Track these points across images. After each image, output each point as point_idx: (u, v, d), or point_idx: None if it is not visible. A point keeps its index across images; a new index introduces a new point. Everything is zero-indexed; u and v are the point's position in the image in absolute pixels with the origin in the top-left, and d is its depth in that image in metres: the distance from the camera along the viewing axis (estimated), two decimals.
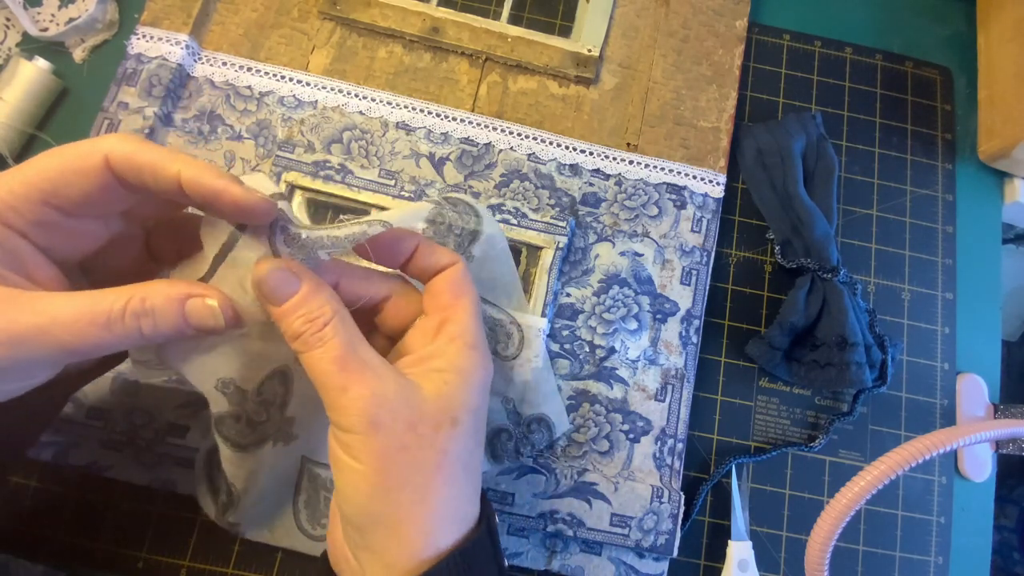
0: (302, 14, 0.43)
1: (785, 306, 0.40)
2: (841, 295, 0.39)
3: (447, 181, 0.40)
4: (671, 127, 0.43)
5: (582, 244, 0.40)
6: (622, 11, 0.45)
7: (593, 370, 0.38)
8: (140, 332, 0.23)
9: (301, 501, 0.34)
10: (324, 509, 0.34)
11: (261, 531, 0.34)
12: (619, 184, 0.41)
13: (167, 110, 0.40)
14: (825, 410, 0.41)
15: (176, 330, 0.24)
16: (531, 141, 0.41)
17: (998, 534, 0.87)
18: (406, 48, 0.43)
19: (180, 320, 0.24)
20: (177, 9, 0.41)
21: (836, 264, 0.40)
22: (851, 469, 0.40)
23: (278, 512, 0.34)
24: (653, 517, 0.36)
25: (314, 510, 0.34)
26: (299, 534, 0.34)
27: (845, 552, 0.39)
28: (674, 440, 0.38)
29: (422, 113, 0.41)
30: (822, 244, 0.40)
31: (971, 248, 0.45)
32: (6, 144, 0.39)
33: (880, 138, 0.46)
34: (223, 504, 0.32)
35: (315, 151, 0.40)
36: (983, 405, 0.42)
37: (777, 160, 0.42)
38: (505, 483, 0.35)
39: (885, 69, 0.48)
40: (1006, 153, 0.44)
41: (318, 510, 0.34)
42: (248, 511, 0.32)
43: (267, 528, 0.34)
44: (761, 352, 0.39)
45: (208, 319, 0.24)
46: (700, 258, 0.40)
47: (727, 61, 0.44)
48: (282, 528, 0.34)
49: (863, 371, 0.37)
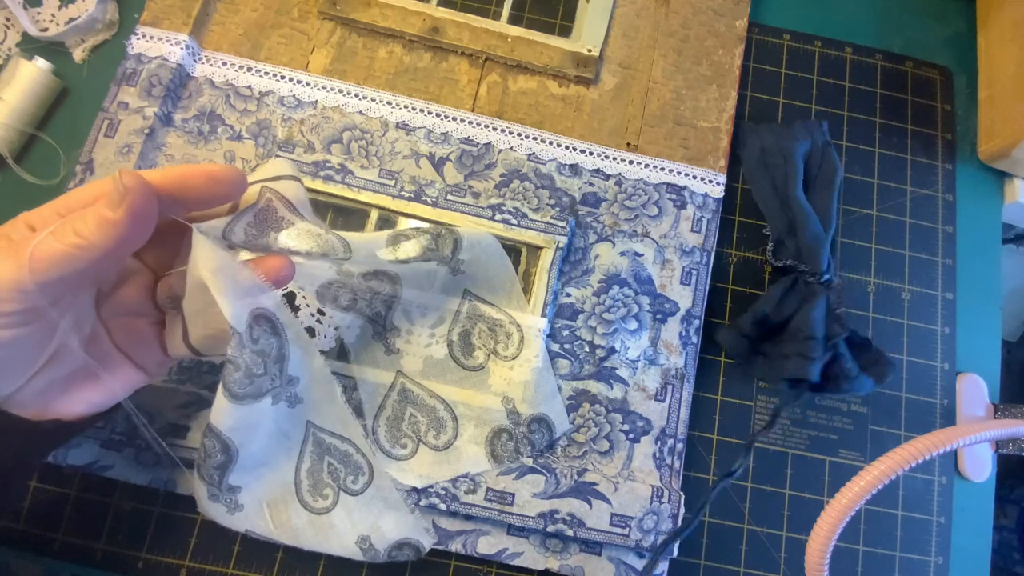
0: (302, 14, 0.43)
1: (762, 297, 0.40)
2: (818, 297, 0.38)
3: (447, 181, 0.40)
4: (671, 127, 0.43)
5: (582, 244, 0.40)
6: (622, 11, 0.45)
7: (593, 370, 0.38)
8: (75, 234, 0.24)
9: (304, 470, 0.34)
10: (327, 479, 0.34)
11: (260, 511, 0.33)
12: (619, 184, 0.41)
13: (167, 110, 0.40)
14: (826, 410, 0.41)
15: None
16: (531, 141, 0.41)
17: (998, 534, 0.87)
18: (406, 48, 0.43)
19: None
20: (177, 9, 0.41)
21: (825, 269, 0.39)
22: (851, 469, 0.40)
23: (279, 481, 0.34)
24: (653, 517, 0.36)
25: (316, 480, 0.34)
26: (299, 507, 0.34)
27: (845, 552, 0.39)
28: (674, 440, 0.38)
29: (422, 113, 0.41)
30: (812, 247, 0.40)
31: (971, 248, 0.45)
32: (6, 144, 0.39)
33: (880, 138, 0.46)
34: (221, 464, 0.31)
35: (315, 151, 0.40)
36: (983, 405, 0.42)
37: (780, 161, 0.42)
38: (505, 483, 0.35)
39: (885, 69, 0.48)
40: (1006, 153, 0.44)
41: (321, 480, 0.34)
42: (249, 472, 0.32)
43: (266, 503, 0.33)
44: (728, 339, 0.39)
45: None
46: (700, 258, 0.40)
47: (727, 61, 0.44)
48: (282, 503, 0.34)
49: (812, 365, 0.37)
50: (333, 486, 0.34)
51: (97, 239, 0.24)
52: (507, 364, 0.37)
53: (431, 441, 0.36)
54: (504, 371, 0.37)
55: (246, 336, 0.28)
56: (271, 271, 0.29)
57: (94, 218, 0.24)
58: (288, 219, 0.29)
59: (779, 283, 0.40)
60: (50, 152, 0.40)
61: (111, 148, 0.38)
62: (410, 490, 0.35)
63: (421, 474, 0.35)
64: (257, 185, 0.30)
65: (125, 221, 0.24)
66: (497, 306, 0.38)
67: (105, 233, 0.24)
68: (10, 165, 0.39)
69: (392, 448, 0.36)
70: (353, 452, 0.34)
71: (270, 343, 0.29)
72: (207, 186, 0.26)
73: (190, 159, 0.39)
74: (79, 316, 0.27)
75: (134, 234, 0.24)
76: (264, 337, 0.29)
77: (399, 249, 0.34)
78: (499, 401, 0.37)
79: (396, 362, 0.37)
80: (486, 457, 0.36)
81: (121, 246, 0.24)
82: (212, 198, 0.27)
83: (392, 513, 0.35)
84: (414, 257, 0.34)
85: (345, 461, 0.34)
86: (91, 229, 0.24)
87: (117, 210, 0.24)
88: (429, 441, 0.36)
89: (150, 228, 0.25)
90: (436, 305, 0.37)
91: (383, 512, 0.34)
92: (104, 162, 0.38)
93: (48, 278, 0.23)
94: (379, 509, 0.34)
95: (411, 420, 0.36)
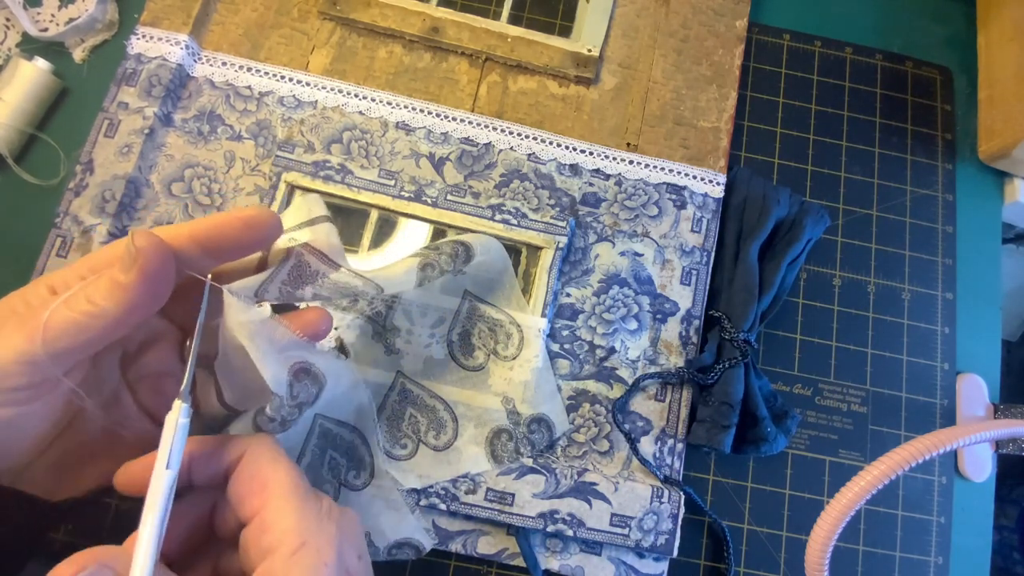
0: (302, 14, 0.43)
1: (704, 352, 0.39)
2: (739, 360, 0.38)
3: (447, 181, 0.40)
4: (671, 127, 0.43)
5: (582, 244, 0.40)
6: (622, 11, 0.45)
7: (593, 370, 0.38)
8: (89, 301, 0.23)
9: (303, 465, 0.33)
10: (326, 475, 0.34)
11: None
12: (619, 184, 0.41)
13: (167, 110, 0.40)
14: (826, 410, 0.41)
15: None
16: (531, 141, 0.41)
17: (998, 534, 0.87)
18: (406, 48, 0.43)
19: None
20: (177, 9, 0.41)
21: (746, 328, 0.38)
22: (851, 469, 0.40)
23: None
24: (653, 517, 0.36)
25: (315, 477, 0.33)
26: None
27: (845, 552, 0.39)
28: (674, 440, 0.38)
29: (422, 113, 0.41)
30: (738, 300, 0.39)
31: (971, 248, 0.45)
32: (6, 144, 0.39)
33: (880, 138, 0.46)
34: None
35: (315, 151, 0.40)
36: (983, 405, 0.42)
37: (754, 215, 0.41)
38: (505, 483, 0.35)
39: (885, 69, 0.48)
40: (1006, 153, 0.44)
41: (319, 476, 0.33)
42: None
43: None
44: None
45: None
46: (700, 258, 0.40)
47: (727, 61, 0.44)
48: None
49: (725, 436, 0.36)
50: (332, 482, 0.34)
51: (109, 306, 0.22)
52: (507, 364, 0.37)
53: (431, 441, 0.36)
54: (504, 371, 0.37)
55: (287, 397, 0.27)
56: (308, 326, 0.27)
57: (106, 283, 0.22)
58: (322, 271, 0.28)
59: (712, 335, 0.39)
60: (50, 152, 0.41)
61: (111, 148, 0.38)
62: (410, 490, 0.35)
63: (421, 474, 0.35)
64: (286, 236, 0.29)
65: (137, 285, 0.22)
66: (497, 306, 0.38)
67: (117, 299, 0.22)
68: (10, 165, 0.39)
69: (392, 448, 0.36)
70: (359, 444, 0.34)
71: (310, 392, 0.28)
72: (243, 233, 0.24)
73: (190, 159, 0.39)
74: (99, 380, 0.26)
75: (148, 299, 0.23)
76: (304, 390, 0.28)
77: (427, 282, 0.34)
78: (499, 401, 0.37)
79: (396, 362, 0.37)
80: (486, 457, 0.36)
81: (135, 312, 0.23)
82: (249, 245, 0.26)
83: (392, 512, 0.35)
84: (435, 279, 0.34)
85: (349, 454, 0.34)
86: (103, 295, 0.22)
87: (128, 273, 0.22)
88: (429, 441, 0.36)
89: (167, 291, 0.24)
90: (436, 305, 0.37)
91: (383, 511, 0.34)
92: (104, 162, 0.38)
93: (61, 349, 0.22)
94: (379, 508, 0.34)
95: (411, 420, 0.36)
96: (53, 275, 0.25)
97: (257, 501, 0.24)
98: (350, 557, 0.24)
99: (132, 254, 0.22)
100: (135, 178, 0.38)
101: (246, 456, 0.25)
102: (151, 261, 0.22)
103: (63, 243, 0.37)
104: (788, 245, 0.40)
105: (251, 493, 0.24)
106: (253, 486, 0.24)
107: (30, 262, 0.36)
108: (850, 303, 0.43)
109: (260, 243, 0.26)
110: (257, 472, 0.24)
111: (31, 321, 0.22)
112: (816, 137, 0.46)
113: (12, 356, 0.22)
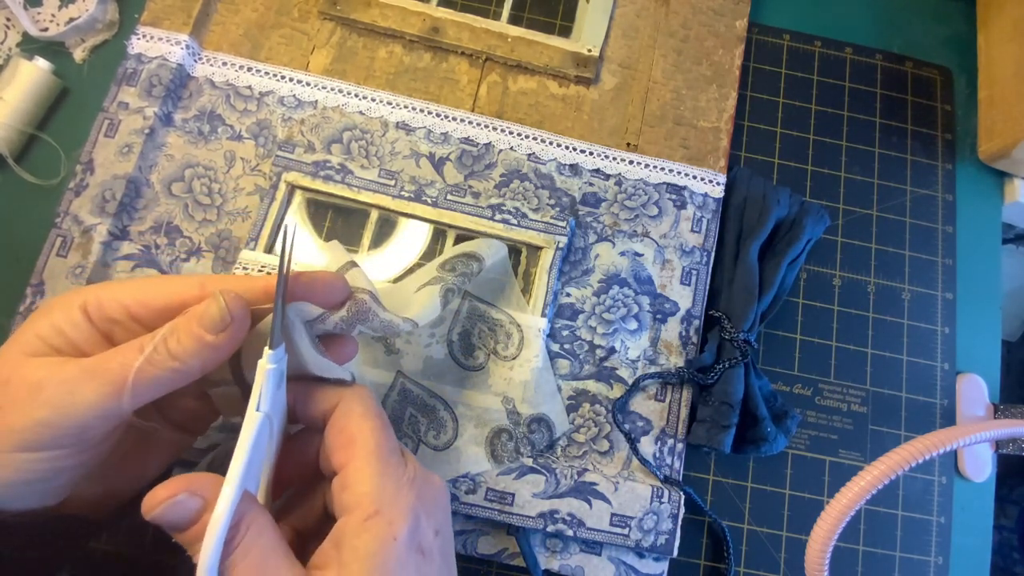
0: (302, 14, 0.43)
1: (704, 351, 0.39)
2: (739, 359, 0.38)
3: (447, 181, 0.40)
4: (671, 127, 0.43)
5: (582, 244, 0.40)
6: (622, 11, 0.45)
7: (593, 370, 0.38)
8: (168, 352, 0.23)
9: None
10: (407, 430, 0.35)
11: None
12: (619, 184, 0.41)
13: (167, 110, 0.40)
14: (826, 410, 0.41)
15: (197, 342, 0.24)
16: (531, 141, 0.41)
17: (998, 534, 0.87)
18: (406, 48, 0.43)
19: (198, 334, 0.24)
20: (177, 9, 0.41)
21: (747, 328, 0.38)
22: (851, 469, 0.40)
23: None
24: (653, 517, 0.36)
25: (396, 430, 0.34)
26: None
27: (845, 552, 0.39)
28: (674, 440, 0.38)
29: (422, 113, 0.41)
30: (739, 300, 0.39)
31: (971, 248, 0.45)
32: (6, 144, 0.39)
33: (880, 138, 0.46)
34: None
35: (315, 151, 0.40)
36: (983, 405, 0.42)
37: (755, 215, 0.41)
38: (505, 483, 0.35)
39: (885, 69, 0.48)
40: (1006, 153, 0.44)
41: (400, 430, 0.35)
42: None
43: None
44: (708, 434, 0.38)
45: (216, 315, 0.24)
46: (700, 258, 0.40)
47: (727, 61, 0.44)
48: None
49: (726, 435, 0.36)
50: (412, 437, 0.36)
51: (196, 363, 0.23)
52: (507, 364, 0.37)
53: (431, 441, 0.36)
54: (504, 371, 0.37)
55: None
56: (343, 357, 0.28)
57: (192, 343, 0.23)
58: (374, 310, 0.29)
59: (712, 335, 0.39)
60: (50, 152, 0.41)
61: (111, 148, 0.38)
62: None
63: None
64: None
65: (225, 346, 0.24)
66: (497, 306, 0.38)
67: (204, 357, 0.23)
68: (10, 165, 0.39)
69: None
70: (440, 408, 0.36)
71: None
72: (323, 294, 0.26)
73: (190, 159, 0.39)
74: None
75: (228, 354, 0.24)
76: None
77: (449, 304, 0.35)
78: (499, 401, 0.37)
79: (396, 362, 0.37)
80: (486, 457, 0.36)
81: (215, 366, 0.24)
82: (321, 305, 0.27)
83: None
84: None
85: (430, 415, 0.36)
86: (190, 353, 0.23)
87: (219, 336, 0.23)
88: (429, 441, 0.36)
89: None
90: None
91: None
92: (104, 162, 0.38)
93: (142, 401, 0.23)
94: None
95: (411, 420, 0.36)
96: (85, 293, 0.25)
97: (343, 455, 0.24)
98: (426, 531, 0.24)
99: (225, 318, 0.23)
100: (135, 178, 0.38)
101: (339, 407, 0.26)
102: (241, 328, 0.24)
103: (63, 243, 0.37)
104: (788, 245, 0.40)
105: (339, 447, 0.25)
106: (342, 439, 0.25)
107: (30, 262, 0.36)
108: (850, 303, 0.43)
109: (326, 305, 0.27)
110: (346, 426, 0.25)
111: (103, 375, 0.23)
112: (816, 137, 0.46)
113: (95, 412, 0.22)
